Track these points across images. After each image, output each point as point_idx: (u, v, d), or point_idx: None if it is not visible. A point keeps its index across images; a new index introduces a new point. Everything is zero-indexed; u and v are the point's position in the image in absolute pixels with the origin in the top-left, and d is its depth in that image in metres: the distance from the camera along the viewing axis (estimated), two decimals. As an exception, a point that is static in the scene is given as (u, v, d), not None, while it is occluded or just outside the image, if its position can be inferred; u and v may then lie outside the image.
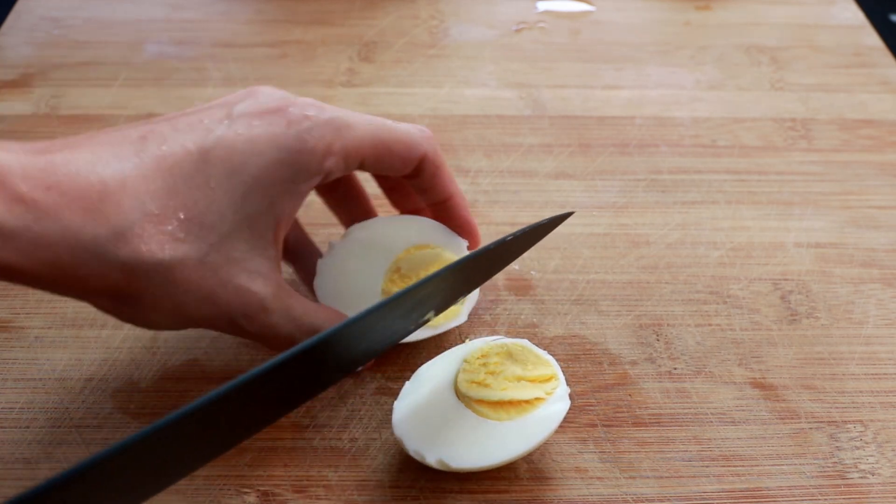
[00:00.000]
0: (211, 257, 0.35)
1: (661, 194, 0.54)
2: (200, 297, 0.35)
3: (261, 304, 0.37)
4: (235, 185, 0.35)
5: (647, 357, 0.45)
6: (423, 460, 0.38)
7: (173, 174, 0.34)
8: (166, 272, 0.34)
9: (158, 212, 0.34)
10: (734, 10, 0.71)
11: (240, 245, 0.36)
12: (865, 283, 0.49)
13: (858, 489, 0.40)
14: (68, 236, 0.32)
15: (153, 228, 0.34)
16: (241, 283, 0.36)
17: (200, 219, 0.35)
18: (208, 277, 0.35)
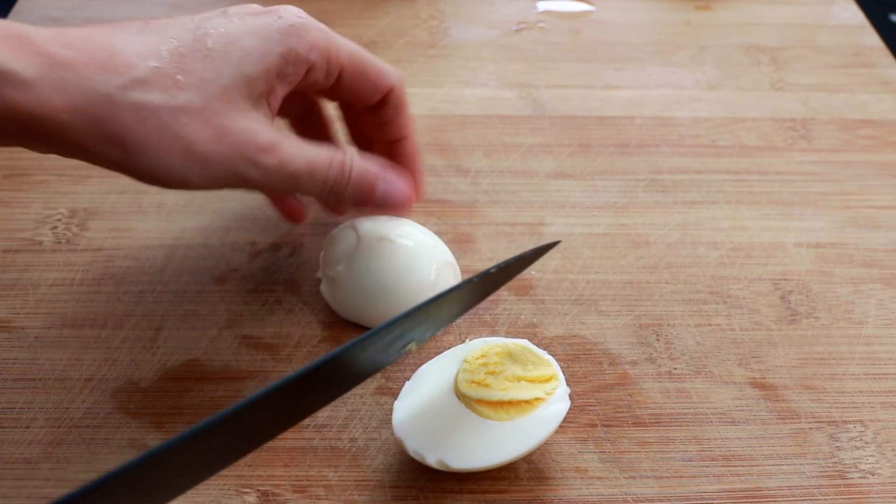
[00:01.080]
0: (213, 104, 0.38)
1: (661, 194, 0.54)
2: (211, 135, 0.38)
3: (270, 141, 0.39)
4: (232, 52, 0.39)
5: (647, 357, 0.45)
6: (423, 460, 0.38)
7: (175, 41, 0.38)
8: (173, 112, 0.37)
9: (163, 67, 0.37)
10: (734, 10, 0.71)
11: (238, 99, 0.39)
12: (865, 283, 0.49)
13: (858, 489, 0.40)
14: (83, 83, 0.35)
15: (159, 79, 0.37)
16: (245, 125, 0.39)
17: (201, 74, 0.38)
18: (213, 120, 0.38)
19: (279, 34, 0.39)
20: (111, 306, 0.46)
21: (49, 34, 0.36)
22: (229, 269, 0.48)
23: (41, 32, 0.36)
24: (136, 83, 0.36)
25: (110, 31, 0.38)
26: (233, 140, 0.38)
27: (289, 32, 0.40)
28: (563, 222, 0.52)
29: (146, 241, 0.50)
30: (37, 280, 0.47)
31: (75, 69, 0.35)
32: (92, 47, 0.36)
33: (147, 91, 0.36)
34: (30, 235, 0.50)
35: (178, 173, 0.38)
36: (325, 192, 0.41)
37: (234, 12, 0.40)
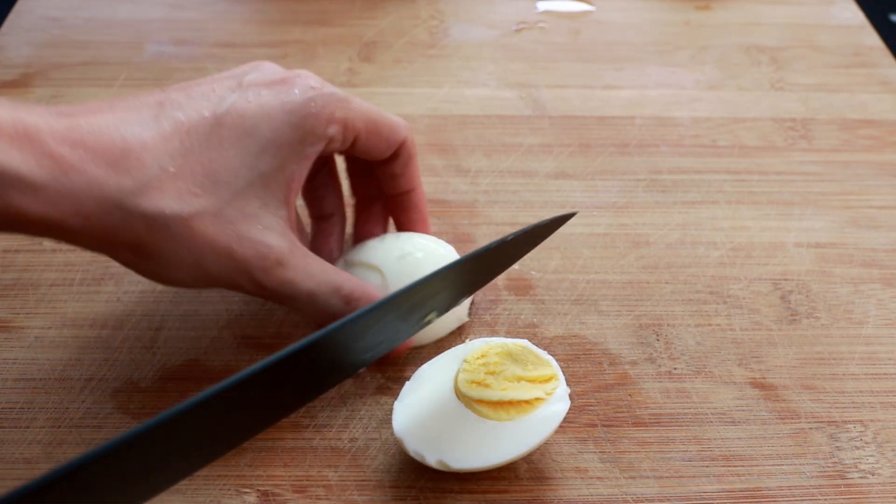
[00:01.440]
0: (227, 212, 0.37)
1: (661, 194, 0.54)
2: (218, 251, 0.37)
3: (277, 258, 0.38)
4: (248, 146, 0.37)
5: (647, 357, 0.45)
6: (423, 460, 0.38)
7: (189, 136, 0.37)
8: (185, 224, 0.36)
9: (176, 170, 0.36)
10: (734, 10, 0.71)
11: (254, 202, 0.38)
12: (865, 283, 0.49)
13: (858, 489, 0.40)
14: (94, 188, 0.34)
15: (172, 184, 0.36)
16: (256, 237, 0.38)
17: (215, 176, 0.37)
18: (225, 231, 0.37)
19: (296, 116, 0.38)
20: (111, 306, 0.46)
21: (59, 129, 0.34)
22: (229, 269, 0.48)
23: (51, 128, 0.34)
24: (147, 188, 0.35)
25: (122, 120, 0.36)
26: (241, 256, 0.37)
27: (306, 112, 0.39)
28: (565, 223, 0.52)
29: (146, 241, 0.50)
30: (37, 280, 0.47)
31: (85, 173, 0.34)
32: (103, 143, 0.35)
33: (160, 198, 0.35)
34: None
35: (182, 282, 0.38)
36: (320, 317, 0.40)
37: (250, 83, 0.39)
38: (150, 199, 0.35)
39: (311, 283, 0.39)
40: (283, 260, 0.38)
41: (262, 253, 0.38)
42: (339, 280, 0.40)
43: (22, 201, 0.33)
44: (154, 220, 0.35)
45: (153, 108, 0.37)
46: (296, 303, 0.40)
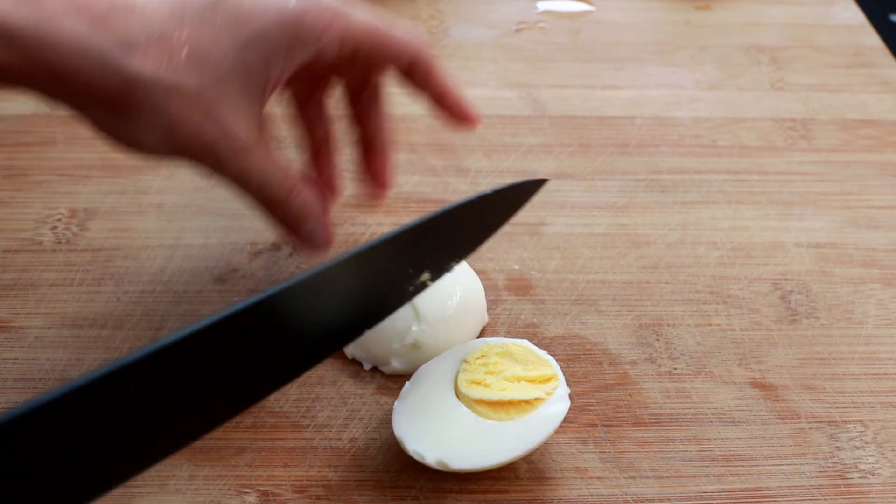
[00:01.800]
0: (206, 91, 0.37)
1: (661, 194, 0.54)
2: (190, 126, 0.37)
3: (241, 145, 0.38)
4: (238, 33, 0.37)
5: (647, 357, 0.45)
6: (423, 460, 0.38)
7: (183, 9, 0.36)
8: (164, 93, 0.36)
9: (163, 38, 0.35)
10: (734, 10, 0.71)
11: (233, 88, 0.38)
12: (865, 283, 0.49)
13: (858, 489, 0.39)
14: (74, 42, 0.33)
15: (156, 49, 0.35)
16: (228, 122, 0.38)
17: (202, 54, 0.36)
18: (200, 108, 0.37)
19: (289, 20, 0.38)
20: (111, 306, 0.46)
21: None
22: (229, 269, 0.48)
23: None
24: (131, 49, 0.35)
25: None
26: (212, 135, 0.37)
27: (299, 20, 0.38)
28: (563, 222, 0.52)
29: (146, 241, 0.50)
30: (37, 280, 0.47)
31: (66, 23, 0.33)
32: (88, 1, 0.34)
33: (143, 61, 0.35)
34: (30, 235, 0.50)
35: (150, 148, 0.38)
36: (265, 207, 0.40)
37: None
38: (132, 60, 0.35)
39: (266, 174, 0.39)
40: (247, 148, 0.38)
41: (230, 136, 0.38)
42: (287, 177, 0.40)
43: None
44: (134, 82, 0.35)
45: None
46: (247, 189, 0.40)
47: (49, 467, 0.28)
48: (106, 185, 0.53)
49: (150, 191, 0.53)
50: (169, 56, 0.36)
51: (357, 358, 0.44)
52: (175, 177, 0.54)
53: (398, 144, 0.50)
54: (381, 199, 0.46)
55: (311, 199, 0.41)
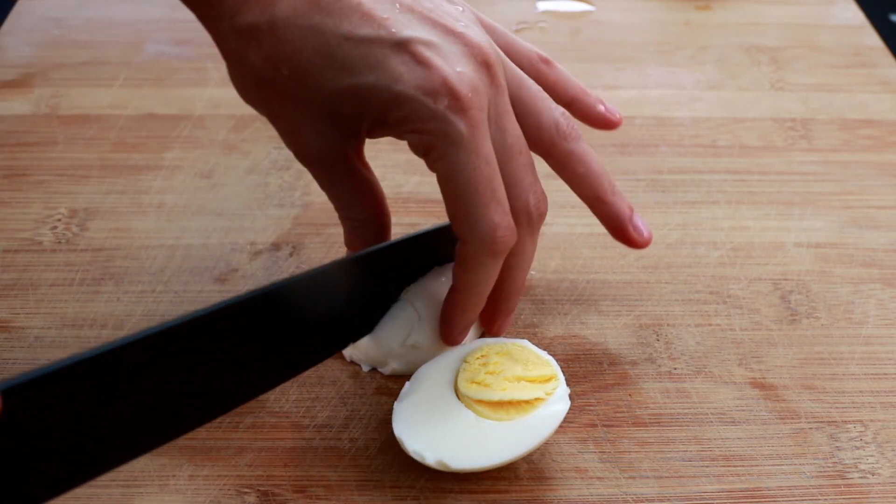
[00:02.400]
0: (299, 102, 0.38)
1: (661, 194, 0.54)
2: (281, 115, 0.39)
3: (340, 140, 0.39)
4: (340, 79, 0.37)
5: (647, 357, 0.45)
6: (423, 460, 0.38)
7: (312, 30, 0.37)
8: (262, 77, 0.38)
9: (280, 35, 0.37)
10: (734, 10, 0.71)
11: (324, 118, 0.38)
12: (865, 283, 0.49)
13: (858, 489, 0.39)
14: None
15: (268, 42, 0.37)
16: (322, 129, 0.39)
17: (301, 73, 0.37)
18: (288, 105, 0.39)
19: (393, 105, 0.36)
20: (111, 306, 0.46)
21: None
22: (229, 269, 0.48)
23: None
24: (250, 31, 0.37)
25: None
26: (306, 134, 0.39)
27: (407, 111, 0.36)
28: (563, 222, 0.52)
29: (146, 241, 0.50)
30: (37, 280, 0.47)
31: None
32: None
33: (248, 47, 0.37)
34: (30, 235, 0.50)
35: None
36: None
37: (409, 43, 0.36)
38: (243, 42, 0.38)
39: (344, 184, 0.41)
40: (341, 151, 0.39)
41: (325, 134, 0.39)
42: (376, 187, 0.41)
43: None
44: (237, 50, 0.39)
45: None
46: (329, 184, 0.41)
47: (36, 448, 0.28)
48: (106, 185, 0.53)
49: (150, 191, 0.53)
50: (273, 55, 0.37)
51: (356, 360, 0.44)
52: (175, 177, 0.54)
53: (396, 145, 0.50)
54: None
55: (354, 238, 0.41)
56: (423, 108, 0.35)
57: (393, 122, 0.37)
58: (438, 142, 0.36)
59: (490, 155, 0.36)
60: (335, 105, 0.38)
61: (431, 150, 0.36)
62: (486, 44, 0.38)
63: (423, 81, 0.35)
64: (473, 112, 0.35)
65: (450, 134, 0.35)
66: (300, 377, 0.43)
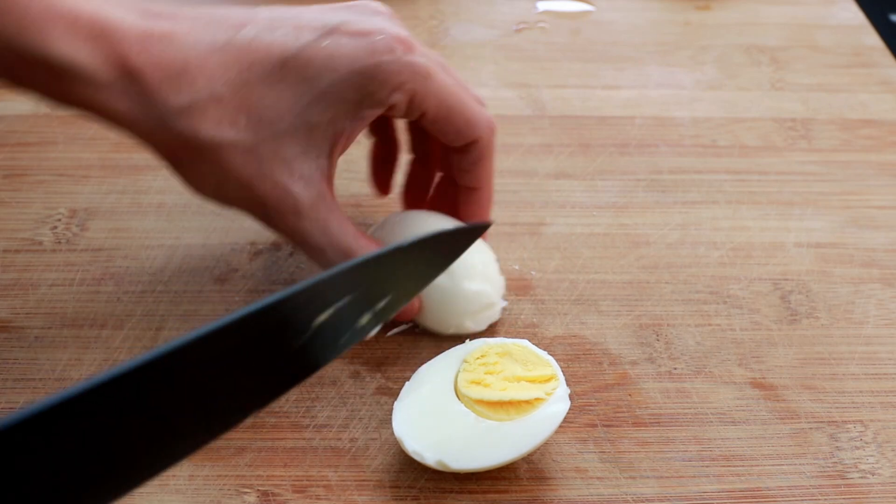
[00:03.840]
0: (260, 148, 0.38)
1: (661, 194, 0.54)
2: (240, 182, 0.38)
3: (294, 206, 0.39)
4: (303, 92, 0.38)
5: (647, 357, 0.45)
6: (423, 460, 0.38)
7: (250, 69, 0.37)
8: (215, 151, 0.38)
9: (224, 98, 0.37)
10: (734, 10, 0.71)
11: (292, 147, 0.38)
12: (865, 283, 0.49)
13: (858, 489, 0.39)
14: (146, 97, 0.37)
15: (215, 110, 0.37)
16: (280, 180, 0.38)
17: (261, 113, 0.38)
18: (251, 166, 0.38)
19: (361, 77, 0.38)
20: (111, 306, 0.46)
21: (133, 33, 0.36)
22: (229, 269, 0.48)
23: (126, 29, 0.36)
24: (191, 110, 0.37)
25: (195, 36, 0.37)
26: (260, 193, 0.38)
27: (372, 75, 0.38)
28: (563, 222, 0.52)
29: (146, 241, 0.50)
30: (37, 280, 0.47)
31: (143, 81, 0.36)
32: (167, 56, 0.36)
33: (199, 121, 0.37)
34: (30, 235, 0.50)
35: (204, 194, 0.40)
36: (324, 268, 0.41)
37: (335, 27, 0.38)
38: (189, 121, 0.37)
39: (324, 239, 0.40)
40: (302, 210, 0.39)
41: (280, 197, 0.39)
42: (352, 245, 0.40)
43: (88, 92, 0.36)
44: (187, 141, 0.37)
45: (232, 28, 0.38)
46: (304, 249, 0.41)
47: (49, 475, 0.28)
48: (106, 185, 0.53)
49: (150, 191, 0.53)
50: (225, 116, 0.37)
51: (430, 329, 0.44)
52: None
53: (403, 145, 0.50)
54: None
55: None
56: (388, 65, 0.38)
57: (371, 97, 0.38)
58: (416, 83, 0.39)
59: (445, 73, 0.41)
60: (305, 120, 0.38)
61: (414, 96, 0.39)
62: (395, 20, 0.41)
63: (372, 46, 0.38)
64: (417, 47, 0.40)
65: (419, 71, 0.39)
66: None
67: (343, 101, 0.38)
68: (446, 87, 0.40)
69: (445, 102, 0.40)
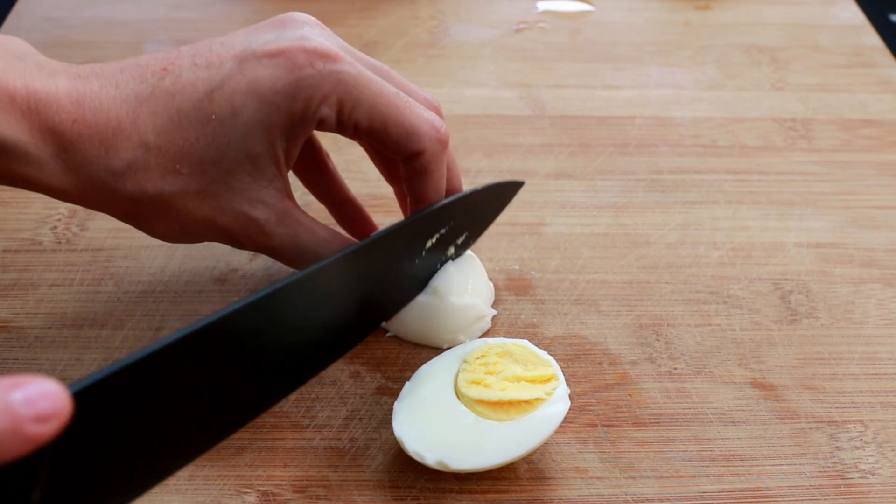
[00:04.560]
0: (211, 188, 0.38)
1: (661, 194, 0.54)
2: (201, 222, 0.39)
3: (260, 228, 0.39)
4: (235, 125, 0.37)
5: (647, 357, 0.45)
6: (423, 460, 0.38)
7: (179, 112, 0.37)
8: (167, 201, 0.38)
9: (162, 146, 0.37)
10: (734, 10, 0.71)
11: (243, 178, 0.38)
12: (865, 283, 0.49)
13: (858, 489, 0.40)
14: (86, 166, 0.36)
15: (156, 162, 0.37)
16: (240, 209, 0.39)
17: (201, 154, 0.37)
18: (206, 205, 0.38)
19: (284, 98, 0.37)
20: (111, 306, 0.46)
21: (66, 103, 0.36)
22: (229, 269, 0.48)
23: (59, 102, 0.36)
24: (132, 169, 0.37)
25: (122, 91, 0.37)
26: (224, 225, 0.39)
27: (295, 93, 0.37)
28: (563, 222, 0.52)
29: (146, 241, 0.50)
30: (37, 280, 0.47)
31: (81, 151, 0.36)
32: (99, 121, 0.36)
33: (144, 178, 0.37)
34: (30, 235, 0.50)
35: (175, 239, 0.41)
36: None
37: (254, 51, 0.37)
38: (134, 181, 0.37)
39: (296, 252, 0.40)
40: (267, 230, 0.39)
41: (245, 225, 0.39)
42: (323, 250, 0.40)
43: (29, 171, 0.36)
44: (138, 199, 0.37)
45: (155, 75, 0.37)
46: (282, 262, 0.41)
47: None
48: (106, 185, 0.53)
49: (150, 191, 0.53)
50: (168, 165, 0.37)
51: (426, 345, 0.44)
52: (175, 177, 0.54)
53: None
54: None
55: None
56: (308, 79, 0.37)
57: (297, 115, 0.38)
58: (342, 93, 0.38)
59: (381, 80, 0.39)
60: (246, 153, 0.38)
61: (342, 108, 0.38)
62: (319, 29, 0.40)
63: (290, 63, 0.37)
64: (344, 56, 0.38)
65: (343, 80, 0.37)
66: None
67: (274, 126, 0.38)
68: (380, 95, 0.38)
69: (379, 112, 0.38)
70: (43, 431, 0.24)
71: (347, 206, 0.46)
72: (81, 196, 0.38)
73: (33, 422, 0.24)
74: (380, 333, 0.45)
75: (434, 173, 0.40)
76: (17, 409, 0.24)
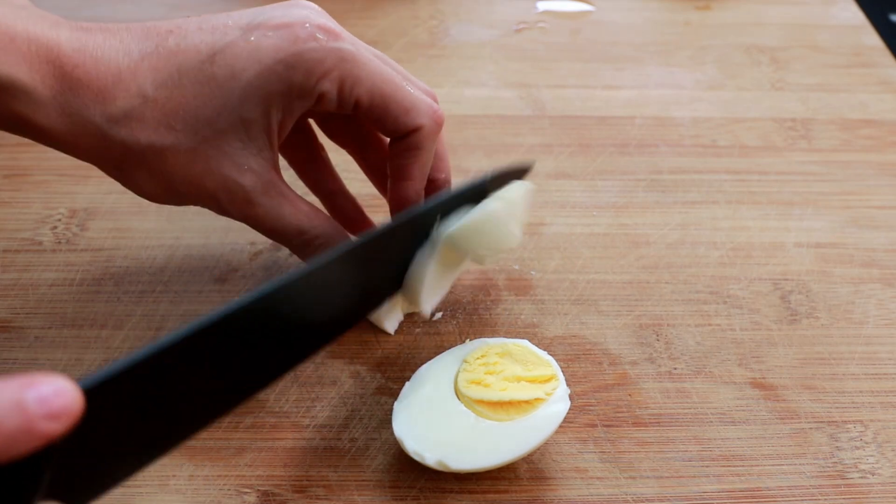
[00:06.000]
0: (202, 148, 0.38)
1: (661, 194, 0.54)
2: (188, 181, 0.39)
3: (245, 196, 0.39)
4: (233, 88, 0.38)
5: (647, 357, 0.45)
6: (423, 460, 0.38)
7: (180, 69, 0.38)
8: (157, 154, 0.38)
9: (159, 102, 0.37)
10: (734, 10, 0.71)
11: (234, 142, 0.38)
12: (865, 283, 0.49)
13: (858, 489, 0.40)
14: (82, 110, 0.37)
15: (151, 114, 0.37)
16: (229, 174, 0.39)
17: (196, 112, 0.38)
18: (196, 164, 0.38)
19: (285, 67, 0.37)
20: (111, 306, 0.46)
21: (69, 48, 0.37)
22: (229, 269, 0.48)
23: (61, 45, 0.37)
24: (128, 118, 0.37)
25: (127, 46, 0.38)
26: (209, 187, 0.39)
27: (296, 63, 0.37)
28: (563, 222, 0.52)
29: (146, 241, 0.50)
30: (37, 280, 0.47)
31: (80, 94, 0.37)
32: (101, 69, 0.37)
33: (139, 128, 0.37)
34: (30, 235, 0.50)
35: (157, 198, 0.40)
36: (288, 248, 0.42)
37: (261, 22, 0.38)
38: (128, 129, 0.37)
39: (278, 223, 0.40)
40: (252, 198, 0.39)
41: (230, 188, 0.39)
42: (305, 224, 0.40)
43: (26, 110, 0.36)
44: (129, 148, 0.38)
45: (160, 36, 0.38)
46: (262, 233, 0.41)
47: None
48: (106, 185, 0.53)
49: (150, 191, 0.53)
50: (163, 119, 0.37)
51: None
52: (175, 177, 0.54)
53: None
54: None
55: (329, 240, 0.41)
56: (312, 52, 0.38)
57: (298, 86, 0.38)
58: (344, 69, 0.38)
59: (379, 61, 0.40)
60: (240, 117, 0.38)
61: (343, 83, 0.38)
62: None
63: (294, 35, 0.38)
64: (345, 36, 0.39)
65: (344, 57, 0.38)
66: (300, 377, 0.43)
67: (272, 94, 0.38)
68: (379, 72, 0.39)
69: (380, 88, 0.39)
70: (55, 428, 0.24)
71: (340, 197, 0.47)
72: (74, 142, 0.38)
73: (46, 419, 0.24)
74: (381, 335, 0.45)
75: (426, 152, 0.42)
76: (30, 408, 0.24)
